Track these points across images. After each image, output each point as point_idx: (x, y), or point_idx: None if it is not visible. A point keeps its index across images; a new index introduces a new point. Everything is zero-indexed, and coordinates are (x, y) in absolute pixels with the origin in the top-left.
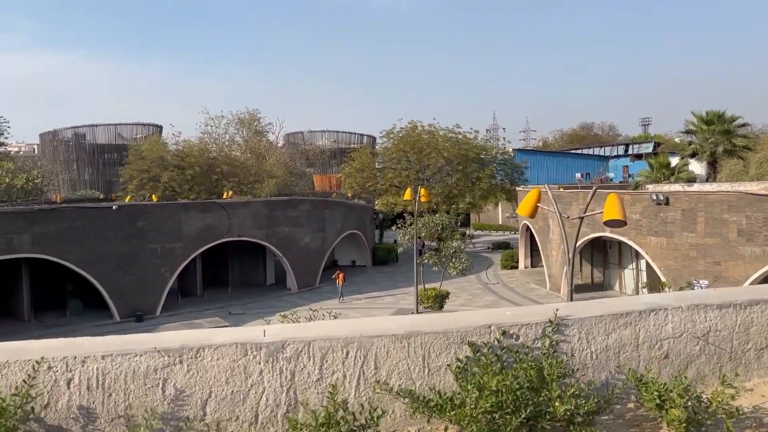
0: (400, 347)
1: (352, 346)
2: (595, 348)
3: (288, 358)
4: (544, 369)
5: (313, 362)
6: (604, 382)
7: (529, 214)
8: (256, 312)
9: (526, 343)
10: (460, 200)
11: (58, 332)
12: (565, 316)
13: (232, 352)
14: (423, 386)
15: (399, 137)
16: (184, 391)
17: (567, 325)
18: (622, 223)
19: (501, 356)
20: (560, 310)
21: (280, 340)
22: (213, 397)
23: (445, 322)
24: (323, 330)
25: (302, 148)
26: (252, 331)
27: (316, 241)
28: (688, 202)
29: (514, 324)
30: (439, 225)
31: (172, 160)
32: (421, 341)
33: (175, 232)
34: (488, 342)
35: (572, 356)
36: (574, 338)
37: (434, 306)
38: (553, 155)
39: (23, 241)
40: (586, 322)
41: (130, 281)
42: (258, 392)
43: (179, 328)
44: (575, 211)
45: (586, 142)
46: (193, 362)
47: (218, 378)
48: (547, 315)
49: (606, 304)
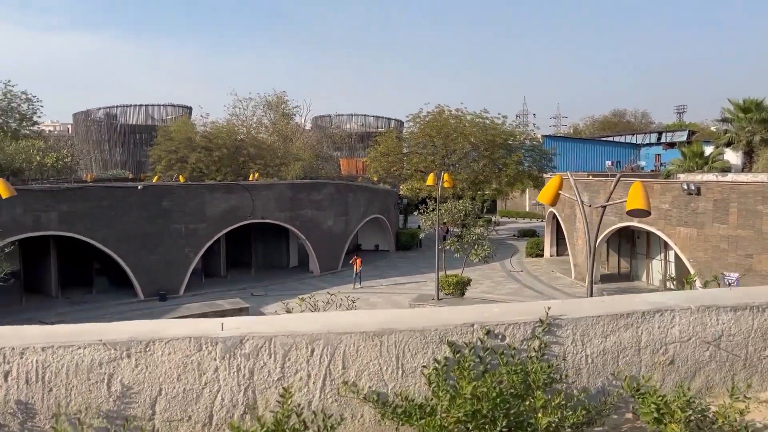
0: (372, 345)
1: (318, 343)
2: (591, 351)
3: (246, 354)
4: (531, 374)
5: (274, 360)
6: (600, 389)
7: (550, 201)
8: (277, 294)
9: (513, 345)
10: (486, 186)
11: (85, 309)
12: (558, 315)
13: (185, 347)
14: (396, 389)
15: (425, 122)
16: (131, 387)
17: (560, 325)
18: (646, 213)
19: (484, 358)
20: (553, 308)
21: (239, 335)
22: (163, 395)
23: (423, 319)
24: (287, 325)
25: (329, 132)
26: (209, 323)
27: (339, 224)
28: (720, 193)
29: (500, 323)
30: (462, 211)
31: (200, 142)
32: (395, 339)
33: (199, 213)
34: (470, 342)
35: (564, 360)
36: (568, 340)
37: (455, 292)
38: (583, 142)
39: (50, 218)
40: (582, 322)
41: (155, 260)
42: (213, 391)
43: (201, 308)
44: (603, 199)
45: (617, 129)
46: (142, 356)
47: (169, 374)
48: (538, 314)
49: (606, 303)
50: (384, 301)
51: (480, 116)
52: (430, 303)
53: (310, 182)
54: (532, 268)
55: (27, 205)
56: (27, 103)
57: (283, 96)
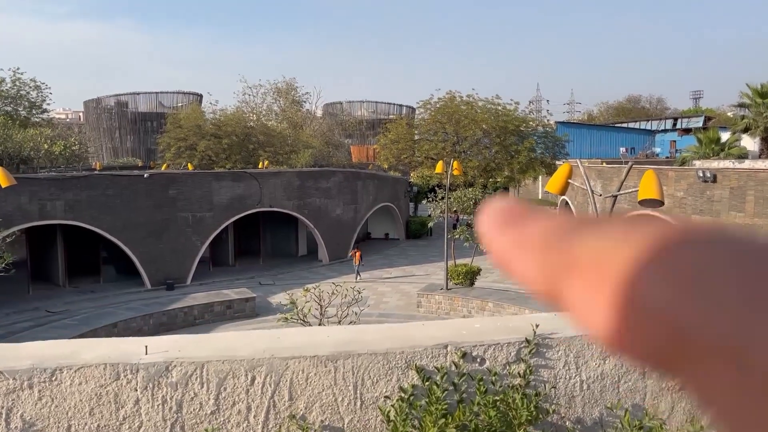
0: (325, 372)
1: (260, 369)
2: (587, 376)
3: (173, 383)
4: (514, 406)
5: (207, 390)
6: (597, 421)
7: (559, 190)
8: (286, 283)
9: (494, 369)
10: (497, 174)
11: (92, 298)
12: (548, 333)
13: (100, 375)
14: (354, 423)
15: (436, 108)
16: (34, 424)
17: (549, 345)
18: (659, 203)
19: (459, 386)
20: (541, 325)
21: (164, 360)
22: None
23: (387, 339)
24: (223, 347)
25: (340, 119)
26: (130, 345)
27: (348, 213)
28: (737, 180)
29: (479, 343)
30: (472, 199)
31: (209, 129)
32: (352, 365)
33: (206, 201)
34: (442, 367)
35: (554, 387)
36: (559, 363)
37: (465, 282)
38: (597, 129)
39: (56, 207)
40: (576, 341)
41: (162, 249)
42: (133, 427)
43: (207, 298)
44: (617, 187)
45: (632, 115)
46: (47, 387)
47: (80, 408)
48: (524, 332)
49: None
50: (392, 290)
51: (492, 102)
52: (440, 293)
53: (318, 170)
54: None
55: (32, 194)
56: (36, 90)
57: (292, 82)
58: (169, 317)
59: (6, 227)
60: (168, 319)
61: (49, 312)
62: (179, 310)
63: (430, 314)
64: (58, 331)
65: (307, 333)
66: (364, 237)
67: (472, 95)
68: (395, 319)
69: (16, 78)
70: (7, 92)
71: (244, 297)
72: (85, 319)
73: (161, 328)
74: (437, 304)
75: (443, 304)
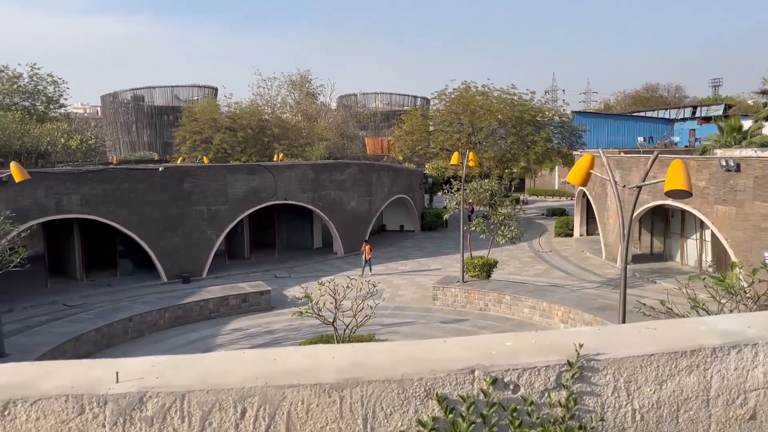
0: (329, 403)
1: (252, 400)
2: (641, 404)
3: (148, 418)
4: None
5: (189, 425)
6: None
7: (581, 182)
8: (301, 276)
9: (530, 398)
10: (513, 164)
11: (109, 292)
12: (594, 354)
13: (61, 409)
14: None
15: (451, 98)
16: None
17: (596, 368)
18: (687, 194)
19: (488, 418)
20: (586, 343)
21: (138, 390)
22: None
23: (402, 362)
24: (208, 374)
25: (354, 111)
26: (99, 370)
27: (363, 205)
28: (761, 169)
29: (512, 367)
30: (488, 191)
31: (224, 122)
32: (361, 394)
33: (221, 195)
34: (469, 396)
35: (602, 420)
36: (607, 389)
37: (481, 275)
38: (614, 118)
39: (72, 201)
40: (627, 364)
41: (177, 243)
42: None
43: (223, 291)
44: (636, 177)
45: (650, 104)
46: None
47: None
48: (565, 352)
49: (659, 335)
50: (408, 283)
51: (507, 92)
52: (456, 285)
53: (333, 162)
54: (561, 248)
55: (49, 188)
56: (53, 85)
57: (307, 75)
58: (184, 311)
59: (23, 221)
60: (183, 312)
61: (66, 306)
62: (195, 303)
63: (446, 307)
64: (74, 326)
65: (308, 354)
66: (379, 229)
67: (487, 85)
68: (410, 311)
69: (33, 73)
70: (25, 87)
71: (260, 290)
72: (101, 313)
73: (177, 322)
74: (453, 297)
75: (459, 297)
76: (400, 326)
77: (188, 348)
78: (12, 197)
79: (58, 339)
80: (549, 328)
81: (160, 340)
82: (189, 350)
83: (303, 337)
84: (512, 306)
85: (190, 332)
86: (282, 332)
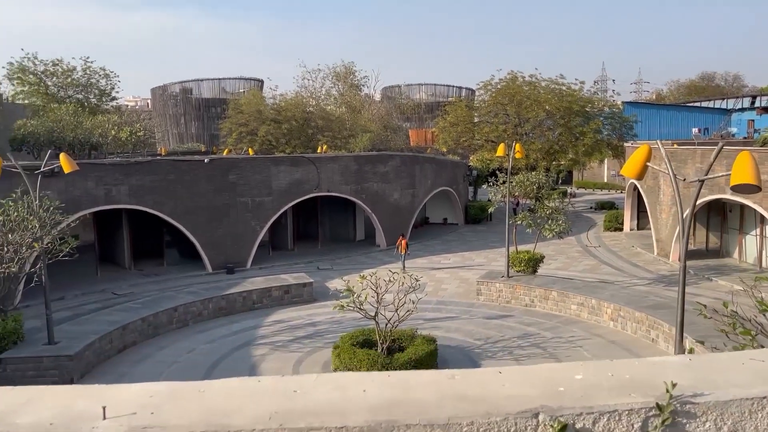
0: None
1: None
2: None
3: None
4: None
5: None
6: None
7: (637, 175)
8: (344, 268)
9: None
10: (561, 156)
11: (156, 281)
12: (690, 395)
13: None
14: None
15: (497, 89)
16: None
17: (693, 414)
18: (756, 188)
19: None
20: (680, 380)
21: (127, 430)
22: None
23: (448, 400)
24: (213, 411)
25: (398, 102)
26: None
27: (406, 197)
28: None
29: (586, 410)
30: (535, 184)
31: (269, 114)
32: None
33: (265, 186)
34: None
35: None
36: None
37: (527, 270)
38: (667, 108)
39: (121, 192)
40: (733, 408)
41: (222, 233)
42: None
43: (265, 283)
44: (691, 170)
45: (705, 94)
46: None
47: None
48: (652, 391)
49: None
50: (451, 277)
51: (556, 82)
52: (501, 280)
53: (376, 154)
54: (610, 243)
55: (98, 179)
56: (105, 78)
57: (351, 67)
58: (228, 302)
59: (75, 211)
60: (227, 303)
61: (115, 294)
62: (238, 294)
63: (491, 302)
64: (121, 314)
65: (336, 385)
66: (422, 222)
67: (535, 75)
68: (454, 306)
69: (86, 67)
70: (78, 80)
71: (302, 282)
72: (148, 303)
73: (220, 313)
74: (498, 292)
75: (504, 292)
76: (443, 321)
77: (231, 339)
78: (64, 188)
79: (105, 327)
80: (598, 326)
81: (203, 330)
82: (232, 341)
83: (344, 330)
84: (559, 302)
85: (232, 323)
86: (324, 324)
